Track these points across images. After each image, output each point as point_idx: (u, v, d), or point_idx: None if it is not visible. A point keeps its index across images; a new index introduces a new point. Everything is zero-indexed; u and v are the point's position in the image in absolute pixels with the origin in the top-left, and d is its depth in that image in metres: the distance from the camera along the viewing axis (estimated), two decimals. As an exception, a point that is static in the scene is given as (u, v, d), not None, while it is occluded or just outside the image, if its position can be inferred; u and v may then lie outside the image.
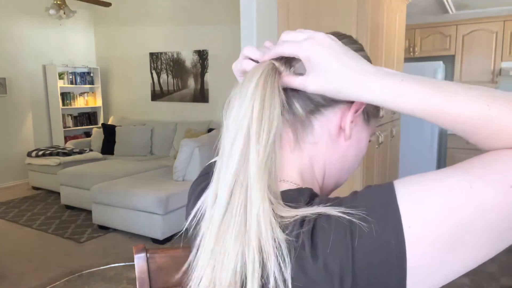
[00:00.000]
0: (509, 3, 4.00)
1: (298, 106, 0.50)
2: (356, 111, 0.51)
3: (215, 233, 0.43)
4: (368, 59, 0.51)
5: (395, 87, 0.42)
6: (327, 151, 0.53)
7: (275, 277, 0.39)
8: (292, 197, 0.44)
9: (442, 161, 4.60)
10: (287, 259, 0.39)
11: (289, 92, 0.49)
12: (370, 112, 0.56)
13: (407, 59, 4.26)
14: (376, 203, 0.39)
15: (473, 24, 4.18)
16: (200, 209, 0.48)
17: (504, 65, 4.11)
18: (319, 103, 0.50)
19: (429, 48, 4.40)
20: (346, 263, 0.37)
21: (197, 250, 0.44)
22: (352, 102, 0.51)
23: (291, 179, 0.51)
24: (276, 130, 0.44)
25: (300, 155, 0.52)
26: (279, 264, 0.39)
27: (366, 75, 0.44)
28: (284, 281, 0.39)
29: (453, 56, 4.36)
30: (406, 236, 0.36)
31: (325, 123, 0.52)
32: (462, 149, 4.17)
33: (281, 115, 0.46)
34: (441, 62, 4.05)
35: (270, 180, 0.43)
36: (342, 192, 0.50)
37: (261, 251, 0.40)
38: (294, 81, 0.47)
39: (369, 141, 0.59)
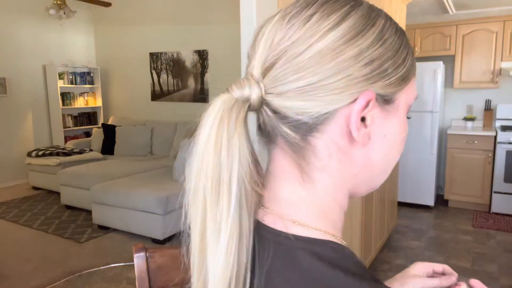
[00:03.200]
0: (509, 3, 4.00)
1: (289, 132, 0.41)
2: (364, 108, 0.40)
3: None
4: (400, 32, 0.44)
5: None
6: (343, 169, 0.43)
7: None
8: (332, 258, 0.39)
9: (442, 161, 4.60)
10: None
11: (275, 118, 0.41)
12: (384, 95, 0.42)
13: (407, 59, 4.25)
14: None
15: (473, 24, 4.18)
16: None
17: (504, 65, 4.10)
18: (318, 123, 0.41)
19: (429, 48, 4.40)
20: None
21: None
22: (354, 101, 0.40)
23: (307, 222, 0.42)
24: (236, 190, 0.38)
25: (313, 189, 0.43)
26: None
27: None
28: None
29: (453, 56, 4.36)
30: None
31: (329, 137, 0.41)
32: (462, 149, 4.16)
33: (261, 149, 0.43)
34: (441, 62, 4.05)
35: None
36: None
37: None
38: None
39: (408, 117, 0.50)
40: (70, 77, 5.91)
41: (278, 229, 0.42)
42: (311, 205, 0.43)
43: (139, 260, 0.88)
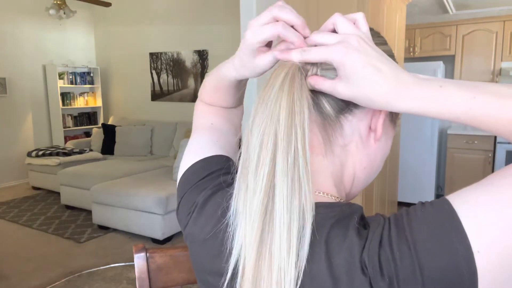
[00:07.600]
0: (509, 3, 4.00)
1: (327, 105, 0.47)
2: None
3: (254, 258, 0.40)
4: (391, 54, 0.50)
5: (434, 96, 0.39)
6: (357, 155, 0.50)
7: None
8: (344, 213, 0.42)
9: (442, 161, 4.60)
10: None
11: (316, 90, 0.46)
12: None
13: (407, 59, 4.26)
14: (441, 230, 0.36)
15: (473, 24, 4.18)
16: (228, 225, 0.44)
17: (504, 65, 4.11)
18: (350, 102, 0.45)
19: (429, 48, 4.40)
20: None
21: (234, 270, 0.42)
22: None
23: (327, 190, 0.47)
24: (308, 136, 0.41)
25: (332, 160, 0.49)
26: None
27: (402, 84, 0.40)
28: None
29: (453, 56, 4.36)
30: (477, 262, 0.34)
31: (356, 123, 0.48)
32: (462, 149, 4.17)
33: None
34: (441, 62, 4.04)
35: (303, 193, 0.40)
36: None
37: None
38: (323, 84, 0.44)
39: None
40: (70, 77, 5.91)
41: None
42: (329, 175, 0.48)
43: (139, 260, 0.89)
